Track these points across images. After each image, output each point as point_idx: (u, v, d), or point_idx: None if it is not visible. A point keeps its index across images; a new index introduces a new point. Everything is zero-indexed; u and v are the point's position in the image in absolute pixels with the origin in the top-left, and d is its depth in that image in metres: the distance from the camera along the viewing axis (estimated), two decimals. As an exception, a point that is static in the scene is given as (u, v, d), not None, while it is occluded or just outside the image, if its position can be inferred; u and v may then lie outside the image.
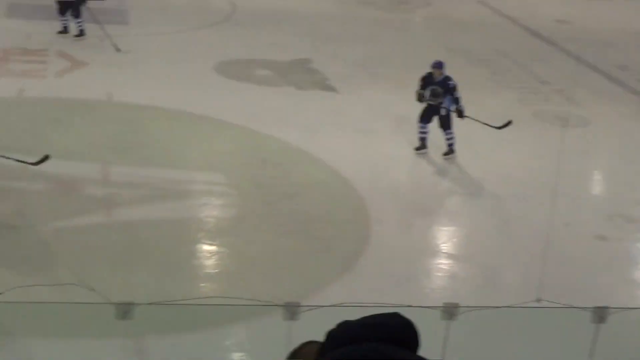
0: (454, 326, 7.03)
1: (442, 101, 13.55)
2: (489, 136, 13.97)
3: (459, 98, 13.54)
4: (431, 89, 13.55)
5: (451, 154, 13.77)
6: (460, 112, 13.62)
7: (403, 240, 11.47)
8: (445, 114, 13.60)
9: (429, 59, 14.08)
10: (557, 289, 9.41)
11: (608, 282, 10.68)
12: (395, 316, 2.66)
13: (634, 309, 9.41)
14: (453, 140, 13.69)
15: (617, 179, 14.13)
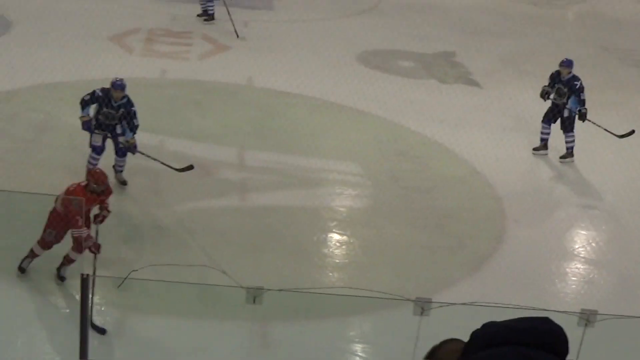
0: (589, 333, 6.64)
1: (565, 102, 13.08)
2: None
3: (584, 100, 13.01)
4: (557, 87, 13.15)
5: (569, 158, 13.29)
6: (583, 115, 13.07)
7: (539, 241, 11.06)
8: (568, 115, 13.12)
9: (580, 57, 13.54)
10: None
11: None
12: (546, 321, 2.58)
13: None
14: (573, 143, 13.22)
15: None
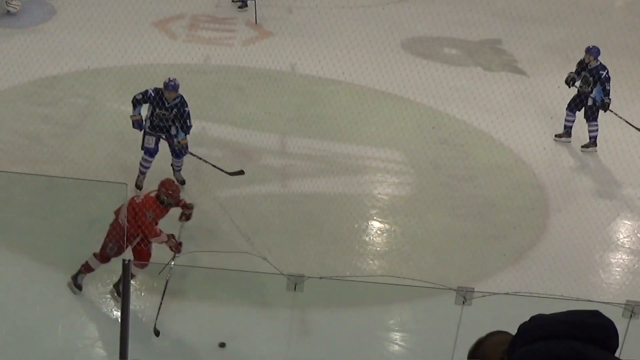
0: (634, 325, 6.53)
1: (590, 90, 12.96)
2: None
3: (608, 91, 12.89)
4: (583, 75, 13.10)
5: (591, 147, 13.17)
6: (606, 105, 12.93)
7: (582, 231, 10.86)
8: (592, 105, 13.02)
9: (627, 45, 13.29)
10: None
11: None
12: (596, 314, 2.51)
13: None
14: (596, 133, 13.11)
15: None
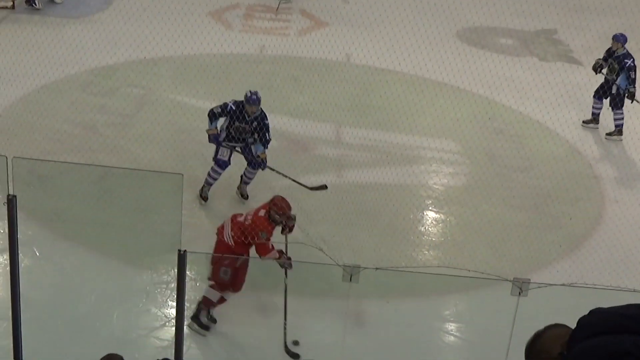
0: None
1: (615, 78, 12.89)
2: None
3: (634, 79, 12.84)
4: (610, 62, 13.07)
5: (616, 136, 13.10)
6: (632, 94, 12.86)
7: (639, 221, 10.78)
8: (617, 92, 12.95)
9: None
10: None
11: None
12: None
13: None
14: (621, 121, 13.03)
15: None
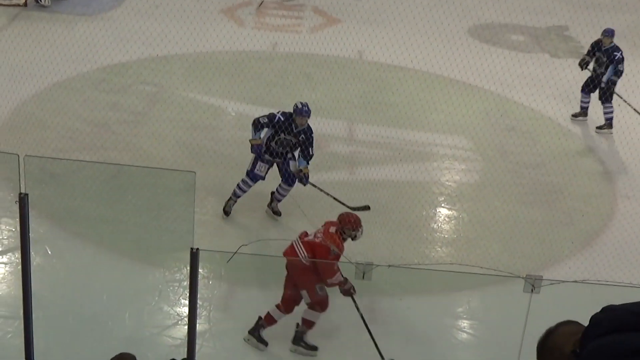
0: None
1: (603, 71, 13.02)
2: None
3: (621, 72, 12.96)
4: (597, 56, 13.18)
5: (606, 129, 13.16)
6: (613, 82, 13.03)
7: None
8: (606, 86, 13.05)
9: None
10: None
11: None
12: None
13: None
14: (611, 114, 13.13)
15: None
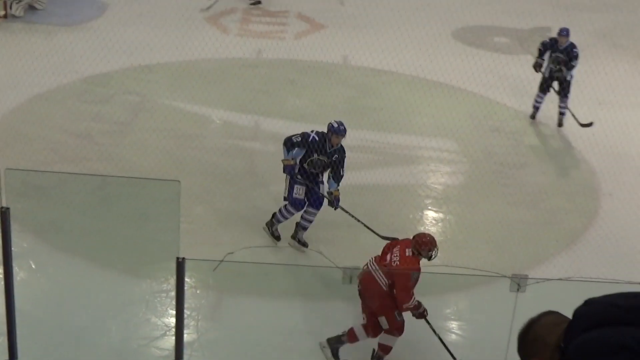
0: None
1: (562, 69, 13.34)
2: None
3: (574, 66, 13.31)
4: (554, 56, 13.37)
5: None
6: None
7: (634, 214, 10.92)
8: (569, 81, 13.41)
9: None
10: None
11: None
12: None
13: None
14: (566, 109, 13.50)
15: None
